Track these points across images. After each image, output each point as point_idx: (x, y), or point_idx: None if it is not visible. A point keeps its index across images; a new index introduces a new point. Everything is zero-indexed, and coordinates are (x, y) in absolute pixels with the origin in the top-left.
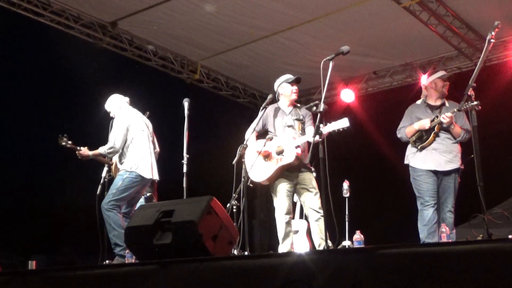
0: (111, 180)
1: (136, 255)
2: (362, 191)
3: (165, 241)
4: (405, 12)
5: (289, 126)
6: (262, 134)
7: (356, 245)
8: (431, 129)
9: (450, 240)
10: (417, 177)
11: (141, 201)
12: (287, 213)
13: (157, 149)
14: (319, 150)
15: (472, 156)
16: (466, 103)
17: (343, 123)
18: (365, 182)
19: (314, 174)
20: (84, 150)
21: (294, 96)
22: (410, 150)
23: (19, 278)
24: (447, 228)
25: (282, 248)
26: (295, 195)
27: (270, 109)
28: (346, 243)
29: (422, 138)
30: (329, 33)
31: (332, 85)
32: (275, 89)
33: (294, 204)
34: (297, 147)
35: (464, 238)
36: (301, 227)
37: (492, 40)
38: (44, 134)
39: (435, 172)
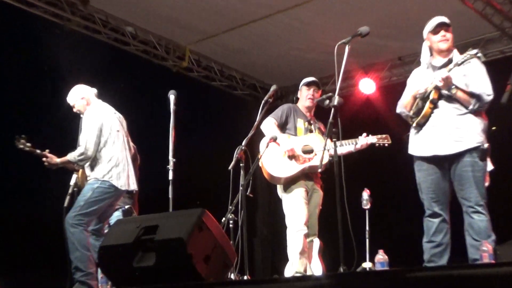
0: (81, 189)
1: (112, 280)
2: (385, 202)
3: (148, 263)
4: None
5: (310, 132)
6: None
7: (378, 267)
8: (426, 97)
9: (493, 261)
10: (417, 171)
11: (118, 214)
12: (306, 223)
13: (132, 150)
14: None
15: (494, 128)
16: (465, 55)
17: (385, 139)
18: (389, 191)
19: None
20: (52, 157)
21: (309, 103)
22: (411, 132)
23: None
24: (488, 245)
25: (296, 268)
26: None
27: (291, 106)
28: (367, 265)
29: (419, 111)
30: (344, 11)
31: (348, 73)
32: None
33: None
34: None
35: (510, 258)
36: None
37: None
38: None
39: (438, 160)
